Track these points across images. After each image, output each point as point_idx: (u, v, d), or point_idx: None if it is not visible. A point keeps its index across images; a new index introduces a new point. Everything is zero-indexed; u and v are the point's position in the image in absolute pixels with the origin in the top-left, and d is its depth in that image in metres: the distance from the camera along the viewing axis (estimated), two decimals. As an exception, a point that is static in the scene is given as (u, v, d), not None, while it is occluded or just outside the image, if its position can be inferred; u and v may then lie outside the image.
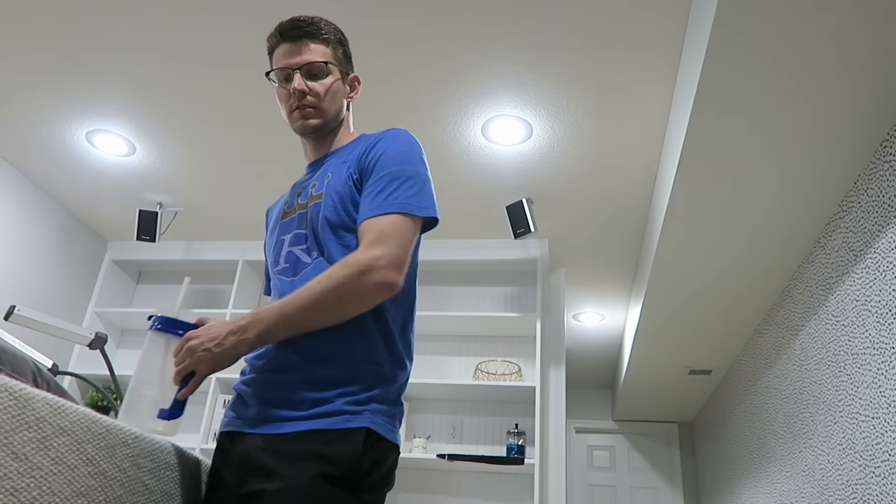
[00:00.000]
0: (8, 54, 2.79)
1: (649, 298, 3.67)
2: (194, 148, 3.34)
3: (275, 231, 1.34)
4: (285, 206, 1.35)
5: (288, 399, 1.13)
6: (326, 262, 1.20)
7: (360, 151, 1.27)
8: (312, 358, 1.15)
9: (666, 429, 6.36)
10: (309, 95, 1.31)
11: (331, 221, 1.22)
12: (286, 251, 1.28)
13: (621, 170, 3.27)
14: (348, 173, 1.26)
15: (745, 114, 2.29)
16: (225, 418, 1.24)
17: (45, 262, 3.84)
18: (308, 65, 1.31)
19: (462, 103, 2.91)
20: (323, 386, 1.13)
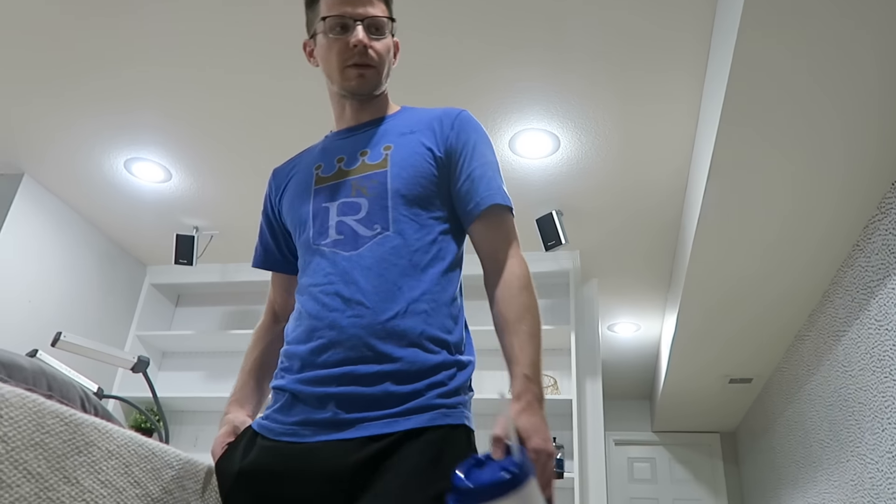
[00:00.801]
0: (50, 90, 2.90)
1: (685, 307, 3.62)
2: (228, 172, 3.42)
3: (306, 197, 1.20)
4: (318, 171, 1.22)
5: (372, 398, 1.03)
6: (394, 235, 1.11)
7: (438, 128, 1.20)
8: (410, 347, 1.06)
9: (708, 439, 6.23)
10: (371, 52, 1.18)
11: (404, 195, 1.13)
12: (335, 220, 1.14)
13: (651, 179, 3.25)
14: (424, 148, 1.17)
15: (775, 118, 2.26)
16: (272, 422, 1.09)
17: (87, 287, 3.94)
18: (372, 18, 1.18)
19: (489, 118, 2.92)
20: (414, 378, 1.04)
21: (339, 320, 1.06)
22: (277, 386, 1.12)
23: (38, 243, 3.62)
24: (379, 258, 1.09)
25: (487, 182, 1.18)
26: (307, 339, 1.09)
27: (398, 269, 1.09)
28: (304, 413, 1.05)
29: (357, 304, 1.06)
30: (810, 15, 1.89)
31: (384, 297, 1.07)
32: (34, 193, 3.60)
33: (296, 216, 1.21)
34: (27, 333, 3.52)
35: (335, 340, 1.05)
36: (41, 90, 2.91)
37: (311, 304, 1.11)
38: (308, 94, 2.84)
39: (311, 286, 1.13)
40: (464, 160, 1.18)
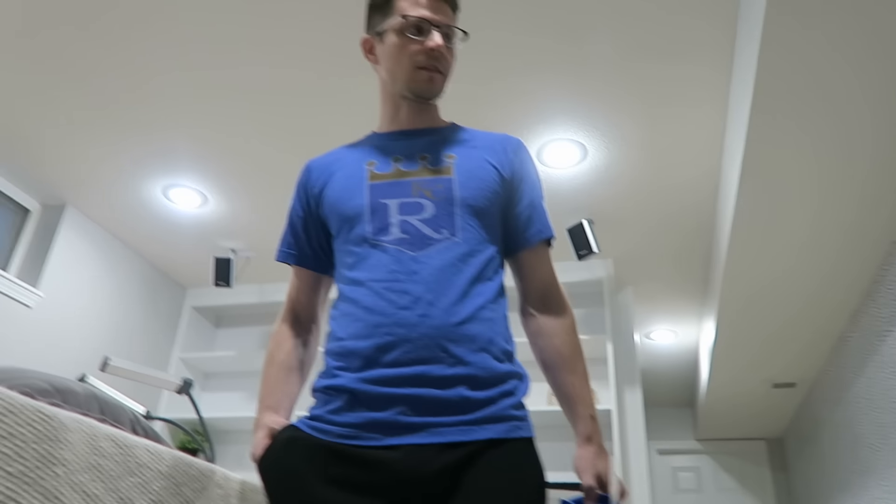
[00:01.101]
0: (89, 124, 3.01)
1: (722, 311, 3.57)
2: (262, 194, 3.49)
3: (358, 191, 1.17)
4: (372, 167, 1.20)
5: (448, 401, 1.01)
6: (462, 242, 1.12)
7: (502, 150, 1.23)
8: (481, 351, 1.07)
9: (754, 446, 6.10)
10: (444, 58, 1.21)
11: (471, 206, 1.15)
12: (398, 218, 1.13)
13: (681, 182, 3.23)
14: (489, 165, 1.20)
15: (807, 110, 2.24)
16: (325, 424, 1.04)
17: (130, 312, 4.05)
18: (448, 27, 1.21)
19: (514, 131, 2.94)
20: (486, 385, 1.05)
21: (408, 318, 1.04)
22: (333, 385, 1.06)
23: (83, 271, 3.74)
24: (448, 262, 1.09)
25: (544, 215, 1.24)
26: (369, 334, 1.05)
27: (465, 276, 1.09)
28: (365, 414, 1.01)
29: (427, 304, 1.05)
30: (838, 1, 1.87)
31: (454, 300, 1.06)
32: (77, 223, 3.72)
33: (345, 209, 1.17)
34: (75, 359, 3.63)
35: (404, 338, 1.03)
36: (81, 124, 3.02)
37: (372, 298, 1.07)
38: (339, 116, 2.90)
39: (371, 281, 1.09)
40: (525, 187, 1.23)
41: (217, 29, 2.49)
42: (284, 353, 1.23)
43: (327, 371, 1.09)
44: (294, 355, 1.24)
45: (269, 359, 1.24)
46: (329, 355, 1.10)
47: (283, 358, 1.22)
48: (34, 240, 3.62)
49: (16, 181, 3.48)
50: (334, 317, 1.14)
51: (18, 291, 3.34)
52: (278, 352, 1.23)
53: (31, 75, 2.75)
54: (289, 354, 1.23)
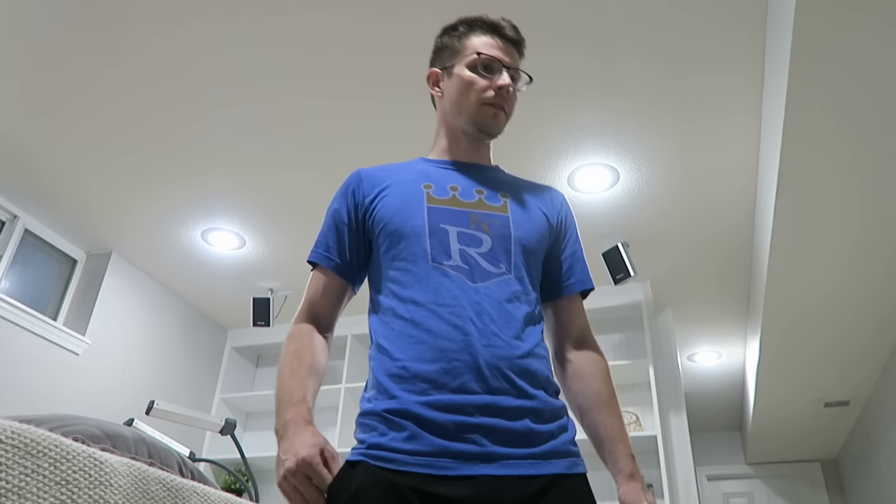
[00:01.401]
0: (132, 175, 3.11)
1: (767, 330, 3.49)
2: (297, 233, 3.55)
3: (417, 210, 1.16)
4: (429, 190, 1.20)
5: (515, 433, 1.01)
6: (516, 280, 1.13)
7: (549, 200, 1.29)
8: (540, 389, 1.08)
9: (808, 469, 5.88)
10: (510, 98, 1.26)
11: (525, 246, 1.18)
12: (458, 248, 1.13)
13: (716, 201, 3.19)
14: (541, 211, 1.25)
15: (844, 122, 2.20)
16: (403, 455, 0.97)
17: (174, 355, 4.12)
18: (516, 70, 1.27)
19: (545, 158, 2.95)
20: (547, 419, 1.07)
21: (475, 346, 1.03)
22: (395, 409, 1.00)
23: (127, 317, 3.83)
24: (507, 297, 1.10)
25: (585, 266, 1.29)
26: (434, 358, 1.03)
27: (522, 313, 1.11)
28: (437, 442, 0.97)
29: (492, 335, 1.05)
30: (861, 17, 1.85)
31: (514, 334, 1.07)
32: (121, 270, 3.83)
33: (403, 226, 1.15)
34: (122, 403, 3.70)
35: (472, 365, 1.02)
36: (122, 174, 3.12)
37: (436, 322, 1.05)
38: (372, 153, 2.95)
39: (434, 304, 1.07)
40: (569, 238, 1.29)
41: (246, 71, 2.57)
42: (311, 356, 1.13)
43: (384, 392, 1.03)
44: (318, 360, 1.15)
45: (293, 358, 1.12)
46: (384, 375, 1.05)
47: (310, 363, 1.12)
48: (81, 288, 3.73)
49: (63, 232, 3.60)
50: (387, 335, 1.09)
51: (67, 339, 3.43)
52: (306, 351, 1.13)
53: (73, 128, 2.86)
54: (315, 358, 1.13)
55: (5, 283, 3.38)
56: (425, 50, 2.44)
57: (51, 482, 0.79)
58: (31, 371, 3.24)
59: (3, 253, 3.35)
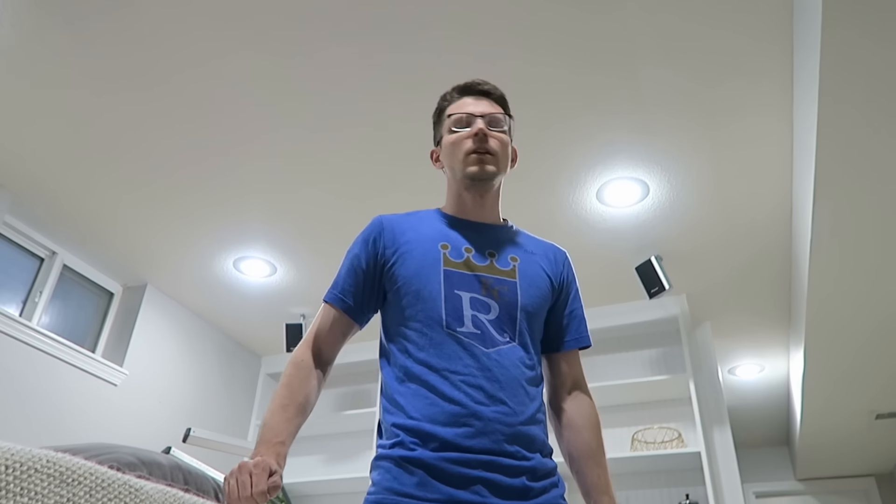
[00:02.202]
0: (164, 209, 3.17)
1: (811, 340, 3.39)
2: (327, 259, 3.57)
3: (435, 273, 1.25)
4: (446, 251, 1.29)
5: (512, 488, 1.12)
6: (519, 347, 1.23)
7: (553, 260, 1.37)
8: (536, 452, 1.19)
9: (862, 484, 5.66)
10: (491, 140, 1.32)
11: (529, 312, 1.27)
12: (470, 314, 1.22)
13: (751, 209, 3.12)
14: (545, 273, 1.33)
15: (878, 119, 2.14)
16: (412, 500, 1.09)
17: (210, 383, 4.15)
18: (491, 115, 1.34)
19: (573, 173, 2.93)
20: (541, 477, 1.18)
21: (484, 413, 1.14)
22: (410, 458, 1.12)
23: (163, 347, 3.88)
24: (512, 363, 1.20)
25: (583, 324, 1.38)
26: (447, 422, 1.14)
27: (525, 378, 1.22)
28: (444, 489, 1.09)
29: (500, 402, 1.16)
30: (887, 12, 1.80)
31: (519, 400, 1.18)
32: (157, 300, 3.88)
33: (420, 286, 1.24)
34: (159, 431, 3.72)
35: (481, 430, 1.13)
36: (156, 209, 3.18)
37: (450, 389, 1.16)
38: (395, 179, 2.96)
39: (448, 371, 1.18)
40: (570, 296, 1.37)
41: (274, 100, 2.60)
42: (305, 393, 1.24)
43: (401, 443, 1.15)
44: (312, 395, 1.26)
45: (287, 391, 1.23)
46: (400, 429, 1.16)
47: (303, 398, 1.23)
48: (118, 320, 3.79)
49: (99, 266, 3.68)
50: (402, 393, 1.19)
51: (105, 371, 3.48)
52: (300, 388, 1.24)
53: (106, 165, 2.93)
54: (308, 394, 1.25)
55: (45, 318, 3.45)
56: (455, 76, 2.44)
57: (86, 510, 0.78)
58: (71, 402, 3.29)
59: (43, 288, 3.43)
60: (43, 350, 3.21)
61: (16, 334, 3.09)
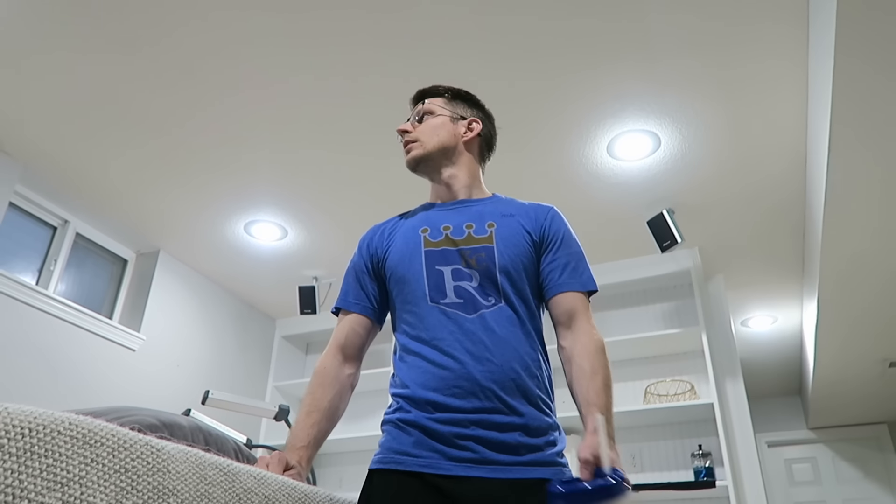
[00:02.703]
0: (175, 174, 3.16)
1: (825, 291, 3.37)
2: (337, 221, 3.57)
3: (416, 255, 1.36)
4: (425, 234, 1.38)
5: (504, 443, 1.17)
6: (506, 307, 1.29)
7: (534, 217, 1.40)
8: (530, 406, 1.23)
9: (874, 431, 5.71)
10: (414, 132, 1.49)
11: (509, 272, 1.32)
12: (452, 284, 1.31)
13: (765, 161, 3.08)
14: (523, 230, 1.37)
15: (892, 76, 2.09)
16: (409, 458, 1.19)
17: (225, 346, 4.21)
18: (417, 112, 1.53)
19: (584, 128, 2.89)
20: (536, 433, 1.21)
21: (472, 373, 1.21)
22: (406, 420, 1.22)
23: (179, 312, 3.92)
24: (500, 324, 1.27)
25: (575, 271, 1.37)
26: (440, 387, 1.22)
27: (515, 337, 1.27)
28: (440, 448, 1.18)
29: (487, 361, 1.22)
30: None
31: (508, 357, 1.24)
32: (170, 266, 3.91)
33: (405, 270, 1.35)
34: (178, 394, 3.79)
35: (470, 391, 1.20)
36: (166, 175, 3.18)
37: (439, 356, 1.25)
38: (402, 134, 2.92)
39: (436, 340, 1.26)
40: (555, 246, 1.39)
41: (289, 66, 2.57)
42: (332, 395, 1.35)
43: (400, 407, 1.26)
44: (335, 403, 1.36)
45: (315, 396, 1.34)
46: (399, 398, 1.27)
47: (330, 401, 1.35)
48: (133, 287, 3.83)
49: (112, 233, 3.70)
50: (401, 367, 1.31)
51: (122, 336, 3.53)
52: (327, 391, 1.36)
53: (115, 132, 2.92)
54: (336, 396, 1.36)
55: (61, 286, 3.49)
56: (462, 41, 2.40)
57: (110, 470, 0.80)
58: (91, 368, 3.35)
59: (58, 257, 3.46)
60: (61, 318, 3.25)
61: (34, 303, 3.13)
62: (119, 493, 0.80)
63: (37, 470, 0.72)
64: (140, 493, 0.82)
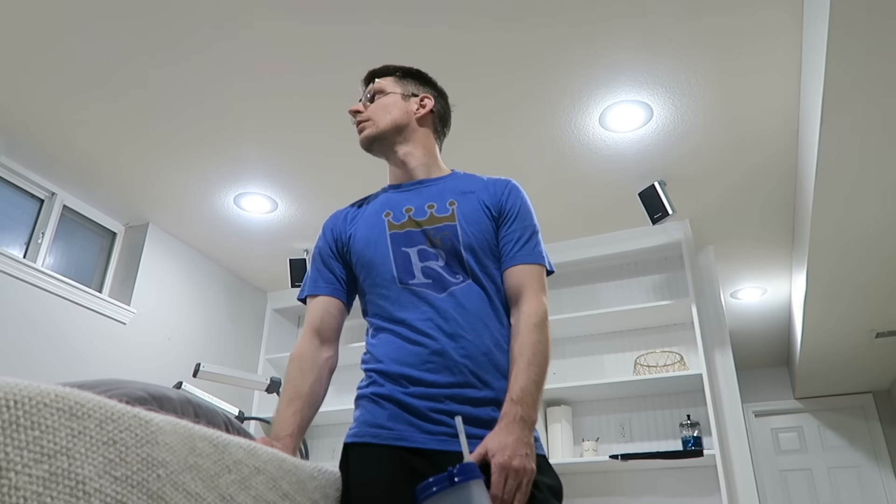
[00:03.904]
0: (162, 145, 3.12)
1: (814, 262, 3.39)
2: (329, 193, 3.54)
3: (381, 239, 1.37)
4: (388, 217, 1.40)
5: (478, 418, 1.21)
6: (474, 283, 1.32)
7: (493, 192, 1.42)
8: (504, 379, 1.25)
9: (860, 401, 5.80)
10: (363, 113, 1.50)
11: (473, 248, 1.34)
12: (420, 265, 1.33)
13: (756, 131, 3.07)
14: (482, 206, 1.39)
15: (886, 45, 2.07)
16: (384, 430, 1.20)
17: (217, 319, 4.21)
18: (367, 92, 1.54)
19: (575, 99, 2.87)
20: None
21: (445, 349, 1.24)
22: (380, 394, 1.24)
23: (170, 284, 3.90)
24: (469, 300, 1.29)
25: (526, 244, 1.38)
26: (414, 362, 1.24)
27: (484, 312, 1.29)
28: (415, 422, 1.20)
29: (459, 338, 1.25)
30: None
31: (479, 333, 1.27)
32: (160, 239, 3.89)
33: (372, 254, 1.37)
34: (170, 368, 3.80)
35: (444, 366, 1.23)
36: (155, 146, 3.13)
37: (412, 333, 1.27)
38: (393, 105, 2.89)
39: (409, 319, 1.29)
40: (511, 220, 1.40)
41: (276, 36, 2.52)
42: (308, 385, 1.35)
43: (373, 381, 1.27)
44: (315, 388, 1.36)
45: (295, 381, 1.34)
46: (373, 372, 1.29)
47: (307, 390, 1.34)
48: (122, 260, 3.80)
49: (100, 206, 3.66)
50: (374, 344, 1.32)
51: (113, 310, 3.51)
52: (305, 379, 1.35)
53: (103, 104, 2.87)
54: (311, 387, 1.35)
55: (50, 259, 3.46)
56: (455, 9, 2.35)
57: (98, 442, 0.80)
58: (81, 342, 3.34)
59: (45, 230, 3.43)
60: (50, 291, 3.23)
61: (23, 276, 3.11)
62: (107, 464, 0.80)
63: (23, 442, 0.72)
64: (129, 464, 0.82)
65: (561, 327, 3.78)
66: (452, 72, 2.71)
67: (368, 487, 1.16)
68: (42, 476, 0.72)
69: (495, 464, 1.10)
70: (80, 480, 0.76)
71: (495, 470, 1.09)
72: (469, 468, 1.01)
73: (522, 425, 1.15)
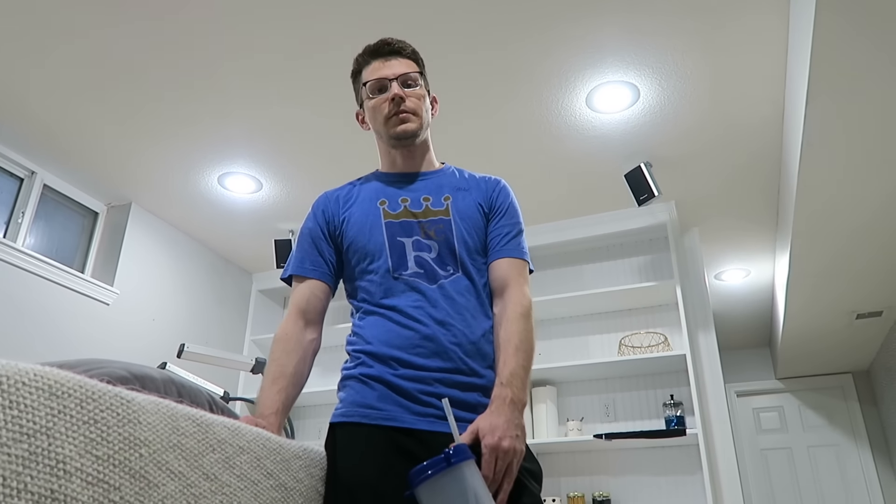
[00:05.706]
0: (144, 124, 3.07)
1: (797, 244, 3.42)
2: (313, 173, 3.51)
3: (377, 228, 1.38)
4: (384, 206, 1.40)
5: (465, 402, 1.24)
6: (464, 276, 1.35)
7: (485, 190, 1.45)
8: (489, 368, 1.29)
9: (839, 381, 5.89)
10: (408, 101, 1.41)
11: (467, 244, 1.37)
12: (413, 255, 1.35)
13: (742, 113, 3.07)
14: (476, 204, 1.42)
15: (872, 24, 2.08)
16: (373, 411, 1.21)
17: (201, 300, 4.18)
18: (404, 75, 1.43)
19: (562, 79, 2.85)
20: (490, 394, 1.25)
21: (435, 335, 1.26)
22: (369, 374, 1.25)
23: (154, 264, 3.87)
24: (458, 292, 1.32)
25: (511, 240, 1.41)
26: (404, 345, 1.26)
27: (472, 304, 1.33)
28: (404, 403, 1.21)
29: (449, 326, 1.28)
30: None
31: (467, 322, 1.30)
32: (143, 219, 3.84)
33: (366, 241, 1.37)
34: (155, 349, 3.77)
35: (434, 351, 1.25)
36: (137, 125, 3.09)
37: (403, 319, 1.29)
38: (378, 84, 2.86)
39: (401, 306, 1.30)
40: (500, 216, 1.43)
41: (259, 13, 2.48)
42: (292, 365, 1.34)
43: (361, 362, 1.28)
44: (300, 368, 1.35)
45: (280, 361, 1.33)
46: (361, 353, 1.30)
47: (292, 370, 1.33)
48: (105, 240, 3.76)
49: (81, 185, 3.61)
50: (362, 326, 1.34)
51: (96, 291, 3.48)
52: (289, 359, 1.34)
53: (82, 80, 2.81)
54: (295, 367, 1.34)
55: (30, 239, 3.42)
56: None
57: (79, 421, 0.79)
58: (64, 324, 3.31)
59: (25, 209, 3.38)
60: (31, 272, 3.19)
61: (3, 256, 3.07)
62: (88, 444, 0.79)
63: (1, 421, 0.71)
64: (110, 444, 0.81)
65: (546, 308, 3.79)
66: (437, 52, 2.68)
67: (358, 466, 1.16)
68: (21, 455, 0.71)
69: (486, 445, 1.11)
70: (60, 460, 0.75)
71: (486, 451, 1.10)
72: (461, 449, 1.03)
73: (512, 407, 1.17)
